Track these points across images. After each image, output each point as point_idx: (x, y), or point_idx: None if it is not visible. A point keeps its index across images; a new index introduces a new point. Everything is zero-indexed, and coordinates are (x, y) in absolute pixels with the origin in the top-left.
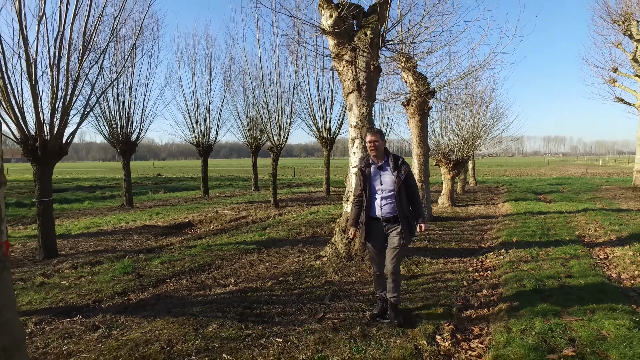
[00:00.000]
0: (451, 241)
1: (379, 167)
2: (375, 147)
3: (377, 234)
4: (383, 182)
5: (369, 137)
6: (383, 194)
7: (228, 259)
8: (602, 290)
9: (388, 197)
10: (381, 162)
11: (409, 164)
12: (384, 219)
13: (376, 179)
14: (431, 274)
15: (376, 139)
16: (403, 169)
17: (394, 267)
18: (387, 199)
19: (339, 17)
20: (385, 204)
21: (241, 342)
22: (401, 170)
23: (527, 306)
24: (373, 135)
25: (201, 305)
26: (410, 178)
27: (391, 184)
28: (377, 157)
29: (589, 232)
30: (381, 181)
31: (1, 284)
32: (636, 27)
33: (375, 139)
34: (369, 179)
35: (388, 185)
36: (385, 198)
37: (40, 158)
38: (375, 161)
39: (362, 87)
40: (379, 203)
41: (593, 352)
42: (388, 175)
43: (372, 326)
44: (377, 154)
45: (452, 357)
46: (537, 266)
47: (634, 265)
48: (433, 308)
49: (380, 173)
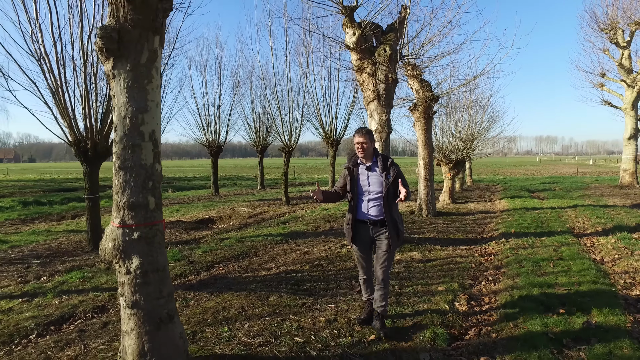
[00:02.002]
0: (456, 232)
1: (367, 167)
2: (364, 149)
3: (364, 237)
4: (371, 183)
5: (357, 139)
6: (370, 195)
7: (262, 248)
8: (587, 269)
9: (375, 199)
10: (369, 163)
11: (398, 165)
12: (371, 222)
13: (363, 179)
14: (443, 258)
15: (364, 140)
16: (392, 170)
17: (383, 272)
18: (374, 200)
19: (362, 35)
20: (372, 206)
21: (300, 308)
22: (390, 171)
23: (526, 281)
24: (361, 137)
25: (255, 283)
26: (403, 178)
27: (379, 186)
28: (365, 158)
29: (578, 225)
30: (369, 182)
31: (159, 245)
32: (622, 35)
33: (364, 140)
34: (356, 180)
35: (376, 187)
36: (372, 200)
37: (90, 159)
38: (363, 161)
39: (382, 97)
40: (365, 205)
41: (578, 310)
42: (376, 176)
43: (403, 295)
44: (366, 155)
45: (469, 316)
46: (533, 252)
47: (614, 250)
48: (449, 283)
49: (369, 174)
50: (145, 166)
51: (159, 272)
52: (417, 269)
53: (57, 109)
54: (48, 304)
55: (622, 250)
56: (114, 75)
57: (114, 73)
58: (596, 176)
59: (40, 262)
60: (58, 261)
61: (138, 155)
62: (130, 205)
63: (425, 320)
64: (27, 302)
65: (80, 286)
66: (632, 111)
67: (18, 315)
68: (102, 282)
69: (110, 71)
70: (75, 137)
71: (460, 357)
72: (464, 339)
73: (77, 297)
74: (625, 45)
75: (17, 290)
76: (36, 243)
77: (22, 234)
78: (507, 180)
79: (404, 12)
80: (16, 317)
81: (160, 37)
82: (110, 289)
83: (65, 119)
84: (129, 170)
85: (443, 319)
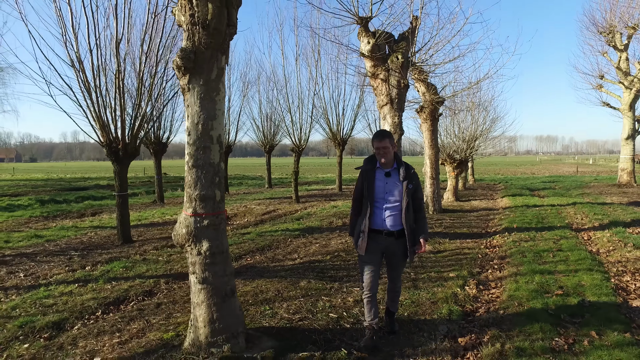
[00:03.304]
0: (462, 227)
1: (386, 173)
2: (385, 154)
3: (375, 247)
4: (388, 190)
5: (378, 144)
6: (388, 204)
7: (282, 241)
8: (584, 259)
9: (392, 207)
10: (389, 168)
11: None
12: (387, 232)
13: (380, 185)
14: (452, 249)
15: (386, 145)
16: (414, 181)
17: (396, 285)
18: (392, 209)
19: (375, 43)
20: (389, 215)
21: (329, 291)
22: (412, 180)
23: (528, 268)
24: (382, 142)
25: (284, 272)
26: (420, 190)
27: (398, 195)
28: (386, 164)
29: (577, 221)
30: (386, 189)
31: (223, 231)
32: (619, 38)
33: (385, 145)
34: (373, 185)
35: (394, 195)
36: (390, 209)
37: (120, 158)
38: (382, 166)
39: (394, 101)
40: (382, 214)
41: (575, 292)
42: (395, 183)
43: (419, 280)
44: (387, 160)
45: (478, 298)
46: (535, 244)
47: (609, 243)
48: (459, 271)
49: (387, 180)
50: (214, 164)
51: (223, 254)
52: (429, 259)
53: (90, 113)
54: (102, 288)
55: (616, 243)
56: (188, 89)
57: (189, 87)
58: (595, 175)
59: (79, 254)
60: (95, 253)
61: (208, 155)
62: (201, 197)
63: (440, 300)
64: (82, 287)
65: (125, 274)
66: (629, 112)
67: (79, 297)
68: (143, 270)
69: (186, 85)
70: (107, 139)
71: (473, 328)
72: (475, 315)
73: (125, 283)
74: (622, 48)
75: (69, 277)
76: (68, 238)
77: (52, 230)
78: (508, 179)
79: (414, 22)
80: (78, 298)
81: (226, 57)
82: (152, 276)
83: (98, 122)
84: (200, 168)
85: (456, 300)
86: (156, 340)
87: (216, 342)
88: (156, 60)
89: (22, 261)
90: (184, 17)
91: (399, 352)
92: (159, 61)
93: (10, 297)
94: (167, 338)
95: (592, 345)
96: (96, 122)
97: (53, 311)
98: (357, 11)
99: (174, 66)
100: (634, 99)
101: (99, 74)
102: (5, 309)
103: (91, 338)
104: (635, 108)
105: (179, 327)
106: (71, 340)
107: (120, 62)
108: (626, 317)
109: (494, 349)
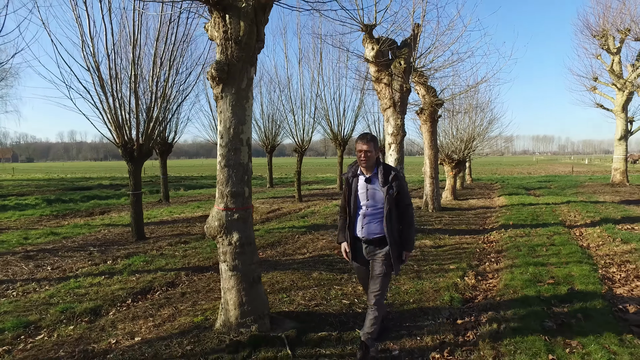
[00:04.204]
0: (461, 224)
1: (367, 179)
2: (367, 158)
3: (361, 254)
4: (370, 197)
5: (361, 146)
6: (368, 210)
7: (290, 238)
8: (574, 253)
9: (372, 214)
10: (370, 174)
11: (403, 178)
12: (366, 240)
13: (362, 192)
14: (452, 244)
15: (368, 148)
16: (395, 185)
17: (377, 299)
18: (372, 216)
19: (379, 50)
20: (368, 222)
21: (340, 281)
22: (392, 185)
23: (523, 261)
24: (365, 144)
25: (295, 264)
26: (405, 196)
27: (380, 201)
28: (367, 168)
29: (570, 218)
30: (367, 196)
31: (250, 224)
32: (612, 42)
33: (368, 148)
34: (354, 192)
35: (375, 202)
36: (370, 215)
37: (135, 159)
38: (364, 172)
39: (397, 104)
40: (361, 221)
41: (565, 282)
42: (376, 190)
43: (422, 272)
44: (368, 165)
45: (477, 287)
46: (529, 239)
47: (599, 238)
48: (459, 264)
49: (368, 186)
50: (243, 164)
51: (251, 245)
52: (430, 253)
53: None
54: (127, 280)
55: (605, 238)
56: (222, 97)
57: (222, 95)
58: (590, 175)
59: (98, 250)
60: (112, 249)
61: (238, 156)
62: (232, 193)
63: (442, 288)
64: (108, 279)
65: (146, 267)
66: (622, 113)
67: (108, 287)
68: (163, 264)
69: (219, 94)
70: (123, 140)
71: (472, 312)
72: (474, 301)
73: (148, 275)
74: (615, 52)
75: (94, 270)
76: (83, 235)
77: (66, 228)
78: (505, 179)
79: (416, 30)
80: (107, 288)
81: (254, 68)
82: (171, 269)
83: (114, 124)
84: (231, 167)
85: (456, 288)
86: (187, 323)
87: (245, 323)
88: (169, 66)
89: (45, 256)
90: (217, 33)
91: (407, 332)
92: (171, 66)
93: (43, 288)
94: (197, 321)
95: (578, 325)
96: (112, 125)
97: (87, 299)
98: (362, 19)
99: (209, 76)
100: (627, 101)
101: (116, 79)
102: (44, 297)
103: (128, 322)
104: (627, 109)
105: (206, 313)
106: (110, 323)
107: (135, 67)
108: (610, 302)
109: (491, 328)
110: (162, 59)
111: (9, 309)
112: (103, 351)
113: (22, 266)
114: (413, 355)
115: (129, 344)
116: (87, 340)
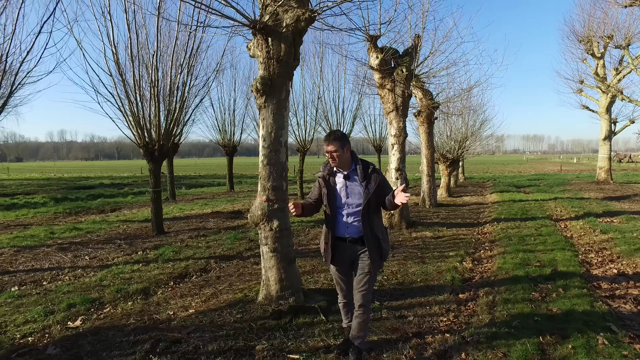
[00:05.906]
0: (457, 219)
1: (345, 176)
2: (334, 159)
3: (343, 256)
4: (350, 194)
5: (325, 147)
6: (349, 209)
7: (301, 231)
8: (559, 241)
9: (355, 213)
10: (348, 171)
11: (381, 172)
12: (351, 239)
13: (341, 189)
14: (450, 236)
15: (334, 149)
16: (373, 179)
17: (363, 296)
18: (354, 215)
19: (383, 58)
20: (352, 221)
21: None
22: (370, 180)
23: (514, 248)
24: (328, 145)
25: (312, 253)
26: (387, 186)
27: (359, 198)
28: (340, 167)
29: (556, 212)
30: (347, 193)
31: (287, 213)
32: (597, 47)
33: (333, 149)
34: (333, 191)
35: (356, 199)
36: (352, 214)
37: (156, 158)
38: (340, 169)
39: (399, 108)
40: (344, 220)
41: (549, 265)
42: (356, 186)
43: (425, 257)
44: (340, 164)
45: (474, 270)
46: (519, 230)
47: (582, 230)
48: (457, 251)
49: (347, 183)
50: (282, 162)
51: (288, 230)
52: (431, 242)
53: (130, 118)
54: (163, 267)
55: (587, 230)
56: (264, 106)
57: (265, 105)
58: (577, 173)
59: (124, 242)
60: (138, 241)
61: (278, 155)
62: (273, 187)
63: (444, 270)
64: (145, 266)
65: (176, 257)
66: (606, 115)
67: (148, 272)
68: (191, 254)
69: (263, 104)
70: (144, 141)
71: (471, 288)
72: (472, 281)
73: (181, 263)
74: (600, 56)
75: (129, 259)
76: (104, 230)
77: (85, 224)
78: (496, 177)
79: (417, 40)
80: (148, 273)
81: (291, 81)
82: (200, 258)
83: (137, 126)
84: (272, 165)
85: (456, 271)
86: (230, 299)
87: (283, 296)
88: (188, 71)
89: (78, 248)
90: (260, 52)
91: (418, 304)
92: (189, 72)
93: (90, 274)
94: (239, 297)
95: (558, 297)
96: (135, 126)
97: (134, 282)
98: (367, 30)
99: (253, 89)
100: (610, 103)
101: (140, 84)
102: (95, 280)
103: (177, 299)
104: (611, 111)
105: (244, 291)
106: (163, 300)
107: (157, 73)
108: (586, 280)
109: (487, 299)
110: (182, 65)
111: (70, 289)
112: (167, 319)
113: (62, 256)
114: (425, 319)
115: (186, 314)
116: (148, 312)
